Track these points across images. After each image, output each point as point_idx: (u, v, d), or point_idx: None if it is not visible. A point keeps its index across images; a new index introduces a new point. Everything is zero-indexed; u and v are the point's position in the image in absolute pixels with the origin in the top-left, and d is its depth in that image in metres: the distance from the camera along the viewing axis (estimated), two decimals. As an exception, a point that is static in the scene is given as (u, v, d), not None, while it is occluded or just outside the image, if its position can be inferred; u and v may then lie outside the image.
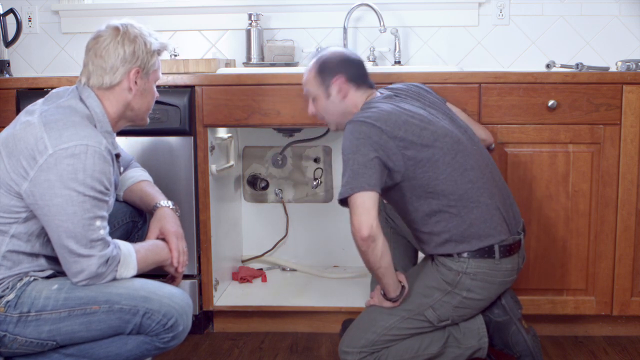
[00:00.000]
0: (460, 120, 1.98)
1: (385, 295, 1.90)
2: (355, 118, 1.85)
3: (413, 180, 1.83)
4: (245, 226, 2.90)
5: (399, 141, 1.81)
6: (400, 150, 1.81)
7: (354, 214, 1.75)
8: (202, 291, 2.35)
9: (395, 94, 1.98)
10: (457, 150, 1.86)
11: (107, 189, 1.61)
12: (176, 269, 1.82)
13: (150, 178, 1.97)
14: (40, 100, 1.72)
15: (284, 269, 2.85)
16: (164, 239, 1.82)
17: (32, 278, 1.64)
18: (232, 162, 2.63)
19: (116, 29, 1.69)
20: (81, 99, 1.68)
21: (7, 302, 1.59)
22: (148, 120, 1.84)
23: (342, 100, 1.96)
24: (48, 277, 1.67)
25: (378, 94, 1.99)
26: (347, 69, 1.96)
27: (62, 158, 1.55)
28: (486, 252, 1.85)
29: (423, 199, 1.85)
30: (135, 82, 1.71)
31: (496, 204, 1.87)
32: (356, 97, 1.96)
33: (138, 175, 1.94)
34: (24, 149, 1.58)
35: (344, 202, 1.80)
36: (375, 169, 1.78)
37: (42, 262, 1.67)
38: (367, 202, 1.75)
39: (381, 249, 1.77)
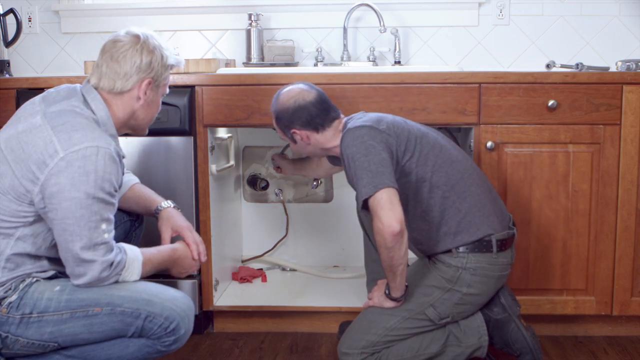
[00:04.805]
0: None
1: (389, 295, 1.89)
2: (352, 126, 1.88)
3: (409, 176, 1.88)
4: (245, 226, 2.90)
5: (393, 139, 1.86)
6: (396, 146, 1.86)
7: (382, 210, 1.74)
8: (202, 291, 2.35)
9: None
10: (441, 145, 1.92)
11: (116, 190, 1.61)
12: (198, 260, 1.86)
13: (137, 178, 1.97)
14: (37, 99, 1.70)
15: (284, 269, 2.85)
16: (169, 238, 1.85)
17: (34, 279, 1.64)
18: (232, 162, 2.62)
19: (137, 36, 1.69)
20: (85, 101, 1.67)
21: (10, 303, 1.59)
22: (147, 131, 1.85)
23: (307, 144, 2.00)
24: (50, 278, 1.67)
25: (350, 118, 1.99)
26: (300, 117, 1.95)
27: (73, 160, 1.54)
28: (484, 247, 1.87)
29: (420, 194, 1.88)
30: (145, 93, 1.71)
31: (485, 193, 1.92)
32: (322, 137, 1.98)
33: (127, 181, 1.93)
34: (33, 153, 1.57)
35: (366, 203, 1.78)
36: (390, 167, 1.80)
37: (44, 263, 1.67)
38: (393, 198, 1.75)
39: (406, 244, 1.79)
